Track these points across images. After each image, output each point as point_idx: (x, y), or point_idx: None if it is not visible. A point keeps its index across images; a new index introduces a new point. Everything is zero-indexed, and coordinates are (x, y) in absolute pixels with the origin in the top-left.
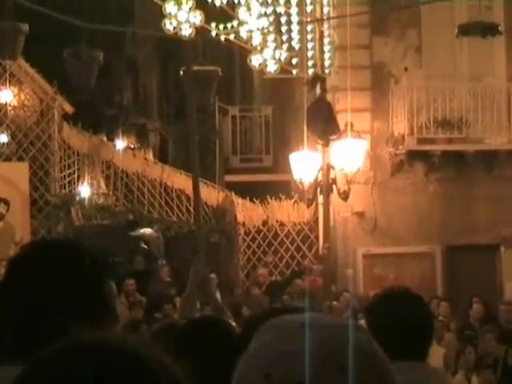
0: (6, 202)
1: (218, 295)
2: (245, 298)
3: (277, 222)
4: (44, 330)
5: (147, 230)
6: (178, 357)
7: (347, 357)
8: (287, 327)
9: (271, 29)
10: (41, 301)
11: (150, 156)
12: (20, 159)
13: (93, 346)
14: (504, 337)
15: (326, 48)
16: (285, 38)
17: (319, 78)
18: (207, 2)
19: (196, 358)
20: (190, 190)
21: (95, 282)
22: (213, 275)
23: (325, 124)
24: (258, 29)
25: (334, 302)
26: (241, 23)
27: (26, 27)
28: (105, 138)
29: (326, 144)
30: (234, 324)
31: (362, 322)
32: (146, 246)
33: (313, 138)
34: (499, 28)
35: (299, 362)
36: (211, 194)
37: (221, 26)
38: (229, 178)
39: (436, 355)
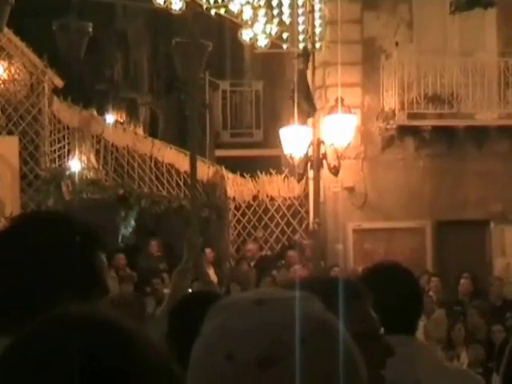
0: None
1: (212, 270)
2: (233, 273)
3: (267, 196)
4: (31, 302)
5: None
6: (174, 332)
7: (306, 328)
8: (240, 305)
9: (262, 3)
10: (28, 272)
11: (140, 130)
12: (10, 133)
13: (78, 319)
14: (490, 313)
15: (317, 22)
16: (275, 12)
17: (308, 53)
18: None
19: (192, 333)
20: (179, 165)
21: (84, 253)
22: (208, 250)
23: (305, 102)
24: (248, 3)
25: None
26: None
27: None
28: (95, 113)
29: (305, 122)
30: None
31: None
32: None
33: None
34: None
35: (261, 338)
36: (201, 169)
37: (211, 0)
38: (219, 152)
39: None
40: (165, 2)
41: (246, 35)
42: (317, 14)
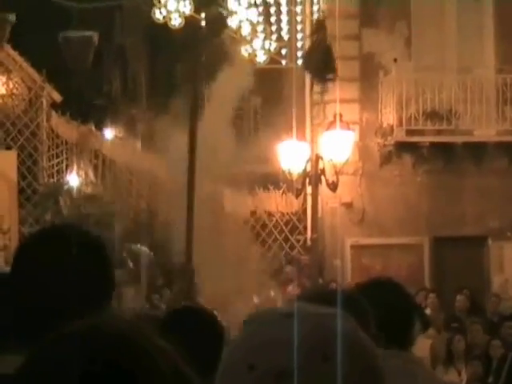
0: None
1: None
2: None
3: (265, 212)
4: (47, 319)
5: (142, 249)
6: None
7: (332, 346)
8: (270, 318)
9: (261, 19)
10: (44, 288)
11: (139, 145)
12: (8, 148)
13: (87, 334)
14: (489, 328)
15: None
16: (274, 28)
17: (323, 25)
18: None
19: (180, 348)
20: None
21: (103, 268)
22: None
23: (322, 64)
24: (247, 19)
25: None
26: (230, 13)
27: (12, 16)
28: (93, 128)
29: (324, 84)
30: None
31: None
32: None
33: (313, 79)
34: None
35: (283, 351)
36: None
37: None
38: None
39: (423, 346)
40: (164, 18)
41: (244, 51)
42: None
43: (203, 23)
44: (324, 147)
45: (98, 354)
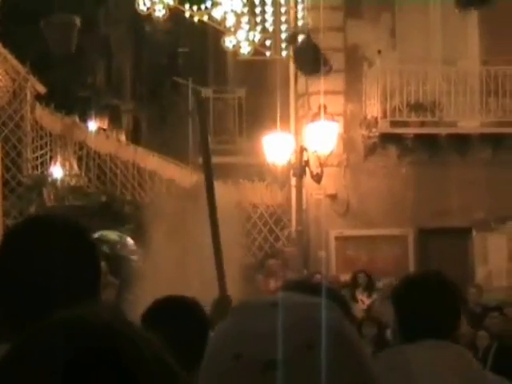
0: None
1: None
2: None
3: (250, 204)
4: (36, 309)
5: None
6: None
7: (318, 335)
8: (256, 307)
9: (245, 10)
10: (35, 278)
11: (123, 137)
12: None
13: (73, 323)
14: (472, 319)
15: (300, 30)
16: (258, 19)
17: (297, 34)
18: None
19: (164, 337)
20: (162, 172)
21: (91, 258)
22: None
23: (313, 63)
24: (231, 10)
25: None
26: (214, 4)
27: None
28: (77, 119)
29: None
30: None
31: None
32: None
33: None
34: None
35: (269, 341)
36: (184, 176)
37: (195, 7)
38: (201, 159)
39: None
40: (148, 9)
41: (228, 42)
42: (300, 22)
43: (187, 14)
44: (308, 139)
45: (82, 343)
